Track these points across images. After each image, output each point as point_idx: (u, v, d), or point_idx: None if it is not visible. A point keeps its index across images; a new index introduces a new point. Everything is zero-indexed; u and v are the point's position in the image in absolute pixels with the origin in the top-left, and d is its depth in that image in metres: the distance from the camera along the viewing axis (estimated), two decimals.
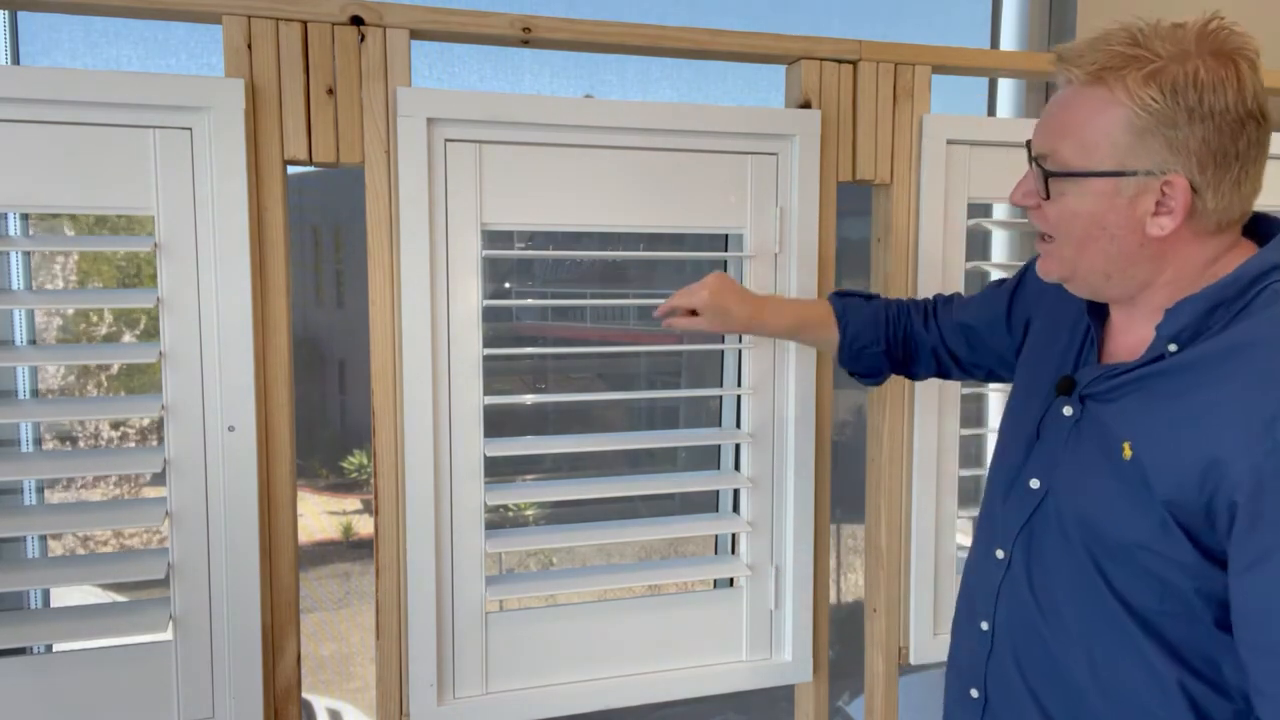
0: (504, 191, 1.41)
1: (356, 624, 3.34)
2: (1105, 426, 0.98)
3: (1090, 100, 0.92)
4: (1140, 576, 0.94)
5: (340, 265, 1.89)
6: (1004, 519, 1.09)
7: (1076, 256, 0.98)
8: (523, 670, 1.48)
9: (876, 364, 1.37)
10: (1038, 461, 1.06)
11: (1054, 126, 0.96)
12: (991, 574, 1.09)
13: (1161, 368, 0.94)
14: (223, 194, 1.27)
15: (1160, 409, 0.93)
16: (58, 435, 1.54)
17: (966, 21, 1.96)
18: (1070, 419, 1.03)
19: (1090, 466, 0.99)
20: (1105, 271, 0.97)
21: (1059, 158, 0.95)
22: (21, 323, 1.40)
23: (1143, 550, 0.93)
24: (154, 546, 1.35)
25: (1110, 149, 0.92)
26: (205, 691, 1.33)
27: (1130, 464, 0.93)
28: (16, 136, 1.21)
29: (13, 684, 1.27)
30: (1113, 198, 0.93)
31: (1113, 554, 0.95)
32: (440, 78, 1.58)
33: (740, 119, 1.48)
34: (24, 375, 1.41)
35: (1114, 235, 0.95)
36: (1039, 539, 1.04)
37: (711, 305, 1.31)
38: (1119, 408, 0.97)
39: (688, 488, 1.55)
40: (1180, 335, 0.93)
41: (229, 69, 1.28)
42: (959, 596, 1.20)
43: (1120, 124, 0.91)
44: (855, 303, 1.38)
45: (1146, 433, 0.93)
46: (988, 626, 1.10)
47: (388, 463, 1.38)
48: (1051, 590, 1.02)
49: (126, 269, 1.58)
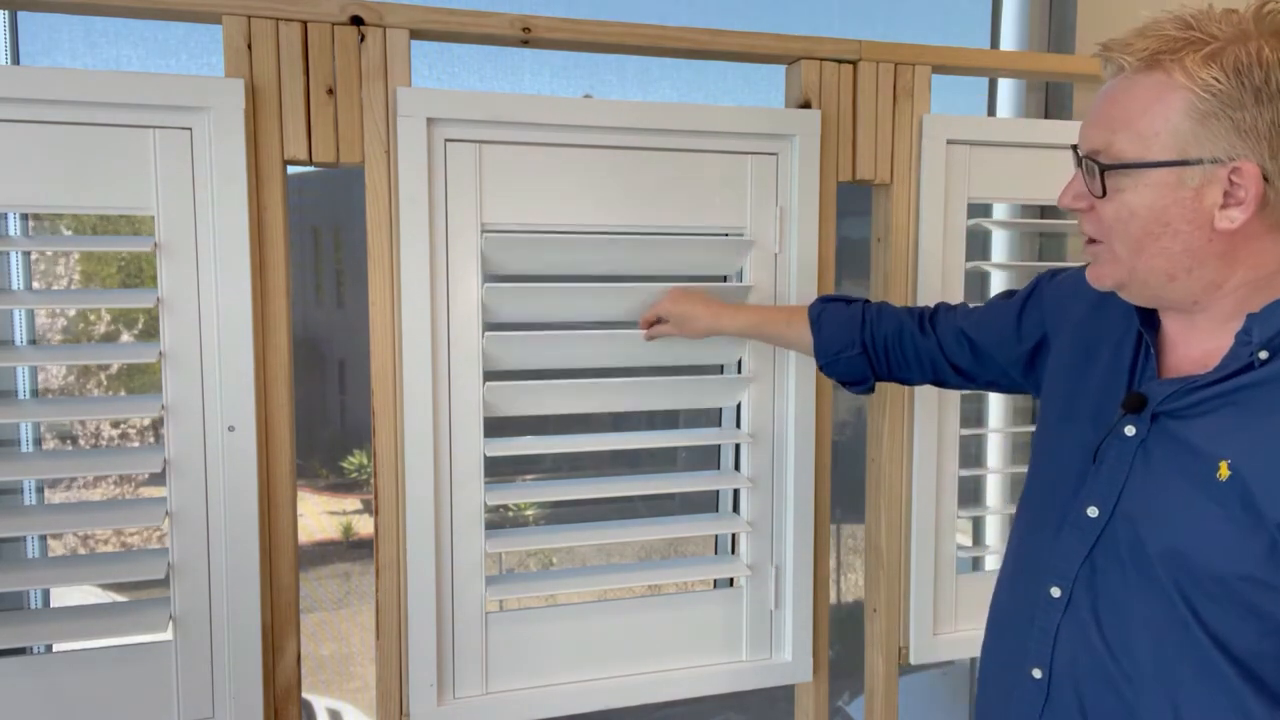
0: (504, 191, 1.41)
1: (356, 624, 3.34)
2: (1188, 445, 0.89)
3: (1145, 87, 0.86)
4: (1238, 613, 0.85)
5: (340, 265, 1.89)
6: (1059, 553, 0.99)
7: (1134, 258, 0.90)
8: (523, 670, 1.48)
9: (856, 369, 1.32)
10: (1096, 488, 0.96)
11: (1105, 120, 0.89)
12: (1046, 614, 0.99)
13: (1256, 378, 0.86)
14: (223, 194, 1.27)
15: (1261, 423, 0.85)
16: (58, 435, 1.54)
17: (966, 21, 1.96)
18: (1134, 439, 0.94)
19: (1175, 491, 0.89)
20: (1169, 272, 0.89)
21: (1114, 151, 0.88)
22: (21, 323, 1.40)
23: (1245, 582, 0.84)
24: (154, 546, 1.35)
25: (1171, 137, 0.85)
26: (205, 691, 1.33)
27: (1227, 485, 0.85)
28: (16, 136, 1.21)
29: (13, 684, 1.27)
30: (1176, 190, 0.86)
31: (1207, 588, 0.86)
32: (440, 78, 1.57)
33: (740, 119, 1.48)
34: (24, 375, 1.40)
35: (1178, 231, 0.87)
36: (1105, 574, 0.94)
37: (675, 312, 1.41)
38: (1206, 424, 0.89)
39: (688, 488, 1.55)
40: (1273, 341, 0.86)
41: (229, 69, 1.28)
42: (990, 639, 1.10)
43: (1181, 109, 0.85)
44: (835, 306, 1.34)
45: (1248, 449, 0.85)
46: (1042, 674, 0.99)
47: (388, 463, 1.38)
48: (1126, 632, 0.92)
49: (129, 268, 1.58)
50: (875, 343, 1.30)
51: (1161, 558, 0.89)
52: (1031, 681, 1.00)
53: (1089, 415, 1.01)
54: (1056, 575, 0.99)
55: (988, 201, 1.67)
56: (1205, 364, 0.92)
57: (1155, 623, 0.90)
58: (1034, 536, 1.04)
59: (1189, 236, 0.88)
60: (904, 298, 1.60)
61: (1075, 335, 1.09)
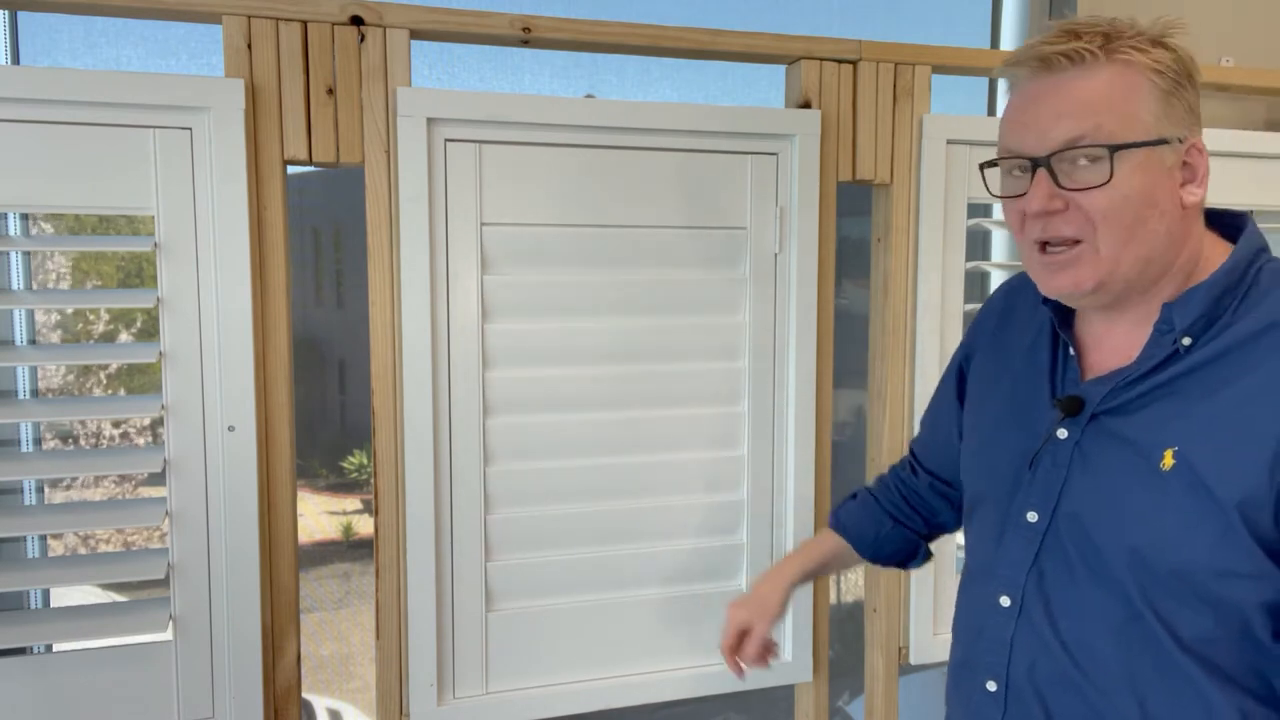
0: (504, 192, 1.41)
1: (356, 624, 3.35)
2: (1127, 440, 0.90)
3: (1111, 74, 0.87)
4: (1193, 603, 0.86)
5: (340, 265, 1.89)
6: (1004, 560, 0.98)
7: (1122, 249, 0.88)
8: (523, 670, 1.48)
9: (901, 543, 1.25)
10: (1033, 493, 0.96)
11: (1077, 108, 0.87)
12: (996, 624, 0.98)
13: (1185, 366, 0.88)
14: (223, 194, 1.27)
15: (1197, 408, 0.86)
16: (58, 435, 1.54)
17: (966, 21, 1.96)
18: (1069, 442, 0.94)
19: (1123, 489, 0.89)
20: (1149, 258, 0.89)
21: (1104, 135, 0.86)
22: (21, 323, 1.40)
23: (1200, 571, 0.85)
24: (154, 546, 1.35)
25: (1149, 117, 0.87)
26: (205, 691, 1.33)
27: (1173, 473, 0.86)
28: (16, 136, 1.21)
29: (13, 684, 1.27)
30: (1159, 169, 0.87)
31: (1164, 581, 0.87)
32: (440, 78, 1.58)
33: (740, 119, 1.48)
34: (24, 375, 1.40)
35: (1164, 212, 0.88)
36: (1054, 578, 0.94)
37: (747, 615, 1.22)
38: (1143, 417, 0.89)
39: (690, 498, 1.55)
40: (1194, 327, 0.88)
41: (229, 69, 1.28)
42: (953, 654, 1.08)
43: (1148, 90, 0.87)
44: (846, 506, 1.30)
45: (1190, 435, 0.86)
46: (997, 686, 0.97)
47: (388, 463, 1.38)
48: (1084, 633, 0.91)
49: (128, 267, 1.58)
50: (898, 509, 1.25)
51: (1120, 557, 0.89)
52: (986, 694, 0.99)
53: (1016, 422, 1.00)
54: (1004, 583, 0.97)
55: (988, 202, 1.67)
56: (1127, 357, 0.93)
57: (1113, 621, 0.90)
58: (980, 546, 1.03)
59: (1170, 217, 0.89)
60: (904, 297, 1.60)
61: (989, 350, 1.10)
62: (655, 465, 1.52)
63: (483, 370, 1.42)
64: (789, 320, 1.55)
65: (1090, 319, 0.98)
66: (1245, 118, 1.90)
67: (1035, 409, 0.99)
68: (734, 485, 1.56)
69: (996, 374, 1.08)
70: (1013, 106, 0.92)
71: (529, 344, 1.44)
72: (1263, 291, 0.89)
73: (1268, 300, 0.88)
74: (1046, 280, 0.93)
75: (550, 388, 1.46)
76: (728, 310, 1.53)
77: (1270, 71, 1.83)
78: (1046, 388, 0.99)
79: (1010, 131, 0.92)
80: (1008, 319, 1.09)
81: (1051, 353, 1.00)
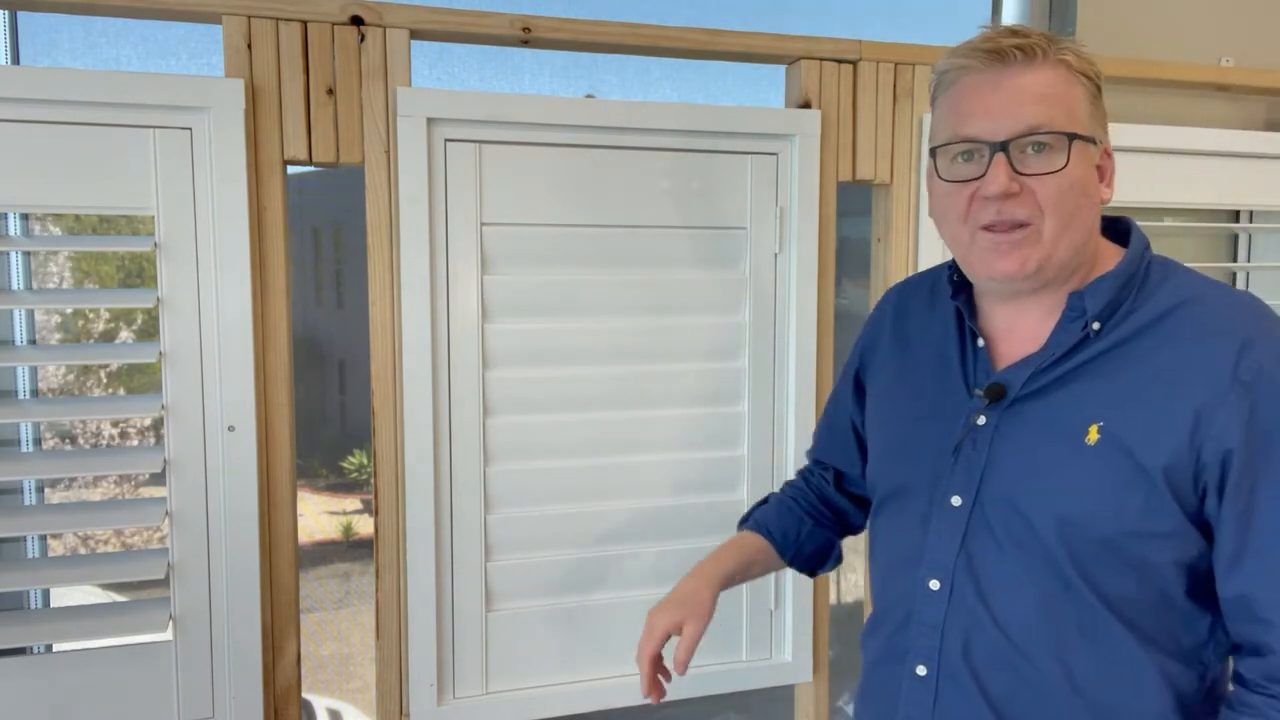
0: (504, 191, 1.41)
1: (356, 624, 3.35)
2: (1049, 420, 0.94)
3: (1056, 74, 0.93)
4: (1118, 567, 0.91)
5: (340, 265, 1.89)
6: (931, 544, 0.99)
7: (1062, 234, 0.93)
8: (523, 670, 1.48)
9: (821, 543, 1.23)
10: (955, 479, 0.98)
11: (1035, 99, 0.92)
12: (926, 608, 0.99)
13: (1095, 350, 0.94)
14: (223, 194, 1.27)
15: (1115, 383, 0.92)
16: (58, 434, 1.54)
17: (966, 21, 1.95)
18: (988, 427, 0.97)
19: (1048, 463, 0.94)
20: (1079, 245, 0.95)
21: (1057, 126, 0.92)
22: (21, 323, 1.40)
23: (1127, 536, 0.90)
24: (154, 546, 1.35)
25: (1084, 116, 0.94)
26: (205, 691, 1.33)
27: (1098, 447, 0.91)
28: (16, 136, 1.21)
29: (13, 684, 1.27)
30: (1090, 165, 0.94)
31: (1092, 547, 0.91)
32: (440, 78, 1.57)
33: (740, 119, 1.48)
34: (24, 375, 1.40)
35: (1092, 204, 0.95)
36: (983, 558, 0.96)
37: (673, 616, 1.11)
38: (1062, 398, 0.94)
39: (690, 498, 1.55)
40: (1103, 313, 0.94)
41: (229, 69, 1.28)
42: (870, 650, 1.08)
43: (1082, 93, 0.94)
44: (764, 510, 1.26)
45: (1112, 408, 0.91)
46: (928, 670, 0.98)
47: (388, 463, 1.38)
48: (1016, 608, 0.94)
49: (129, 266, 1.58)
50: (815, 509, 1.24)
51: (1051, 527, 0.92)
52: (916, 680, 0.99)
53: (933, 414, 1.03)
54: (933, 567, 0.99)
55: None
56: (1033, 345, 0.98)
57: (1043, 592, 0.93)
58: (902, 535, 1.04)
59: (1094, 210, 0.96)
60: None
61: (890, 350, 1.13)
62: (655, 465, 1.52)
63: (483, 370, 1.42)
64: (789, 320, 1.55)
65: (998, 311, 1.02)
66: (1245, 118, 1.90)
67: (950, 399, 1.02)
68: (734, 485, 1.56)
69: (901, 371, 1.10)
70: (964, 96, 0.95)
71: (529, 344, 1.44)
72: (1155, 282, 0.96)
73: (1163, 289, 0.95)
74: (992, 262, 0.95)
75: (550, 388, 1.46)
76: (728, 310, 1.53)
77: (1270, 71, 1.83)
78: (960, 379, 1.02)
79: (964, 119, 0.95)
80: (903, 319, 1.13)
81: (960, 345, 1.04)
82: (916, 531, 1.01)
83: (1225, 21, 1.87)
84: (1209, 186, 1.79)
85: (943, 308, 1.07)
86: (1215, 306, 0.93)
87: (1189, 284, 0.96)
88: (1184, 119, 1.83)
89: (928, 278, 1.15)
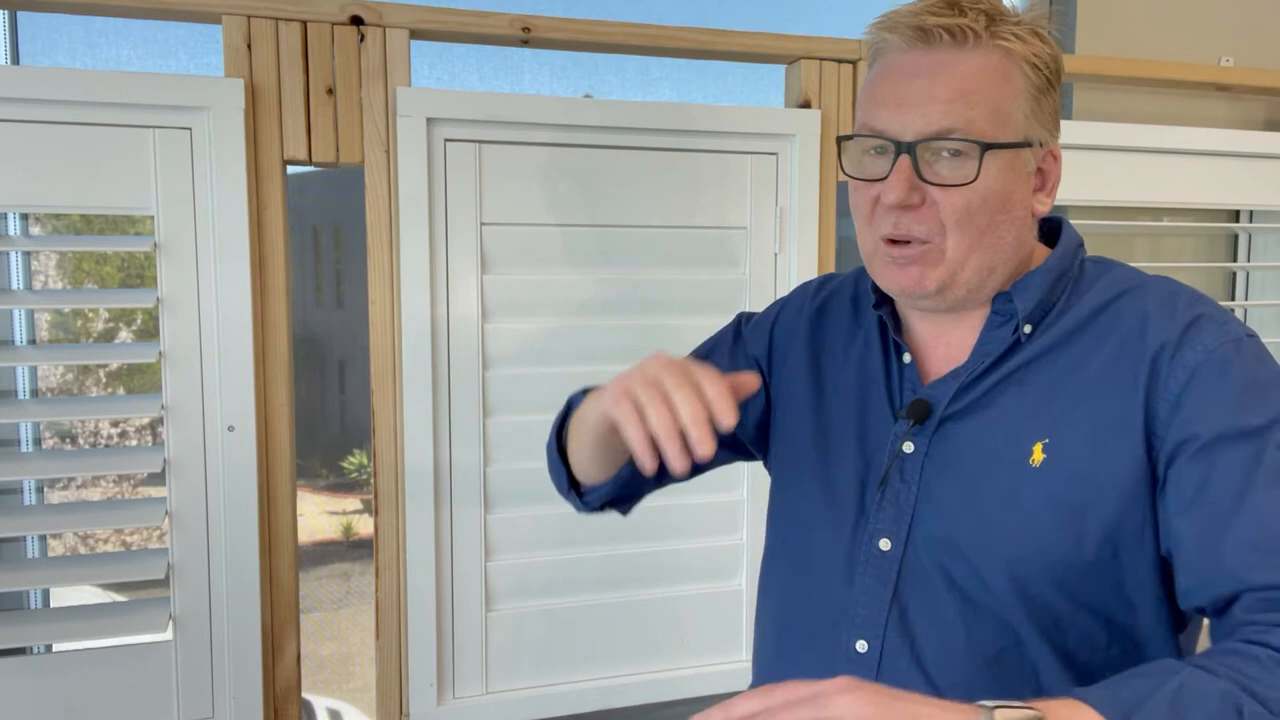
0: (504, 191, 1.41)
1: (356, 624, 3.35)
2: (985, 442, 0.82)
3: (991, 62, 0.80)
4: (1089, 616, 0.79)
5: (340, 265, 1.89)
6: (857, 600, 0.85)
7: (969, 253, 0.81)
8: (523, 670, 1.48)
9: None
10: (883, 519, 0.85)
11: (955, 95, 0.79)
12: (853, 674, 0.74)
13: (1027, 355, 0.83)
14: (222, 194, 1.27)
15: (1054, 396, 0.81)
16: (58, 434, 1.54)
17: None
18: (917, 455, 0.84)
19: (991, 495, 0.81)
20: (992, 267, 0.82)
21: (975, 130, 0.79)
22: (21, 323, 1.40)
23: (1091, 568, 0.78)
24: (154, 546, 1.35)
25: (1019, 116, 0.80)
26: (205, 691, 1.33)
27: (1045, 469, 0.79)
28: (16, 136, 1.21)
29: (13, 684, 1.27)
30: (1019, 174, 0.81)
31: (1054, 597, 0.79)
32: (440, 78, 1.58)
33: (740, 119, 1.48)
34: (24, 375, 1.40)
35: (1015, 219, 0.82)
36: (918, 612, 0.82)
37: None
38: (998, 414, 0.83)
39: (690, 498, 1.55)
40: (1033, 314, 0.83)
41: (229, 69, 1.28)
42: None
43: (1022, 87, 0.81)
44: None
45: (1056, 425, 0.80)
46: None
47: (388, 463, 1.38)
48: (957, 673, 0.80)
49: (129, 266, 1.58)
50: None
51: (1000, 571, 0.79)
52: None
53: (855, 438, 0.89)
54: (859, 626, 0.84)
55: None
56: (957, 360, 0.86)
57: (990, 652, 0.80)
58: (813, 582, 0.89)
59: (1019, 225, 0.83)
60: None
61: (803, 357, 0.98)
62: None
63: (483, 370, 1.42)
64: None
65: (923, 323, 0.90)
66: (1245, 118, 1.90)
67: (873, 423, 0.89)
68: (734, 485, 1.56)
69: (815, 387, 0.96)
70: (880, 80, 0.83)
71: (529, 344, 1.44)
72: (1089, 280, 0.85)
73: (1097, 285, 0.85)
74: (890, 276, 0.85)
75: (550, 388, 1.45)
76: (728, 310, 1.52)
77: (1270, 71, 1.83)
78: (884, 399, 0.89)
79: (875, 108, 0.82)
80: (820, 329, 0.98)
81: (885, 361, 0.91)
82: (840, 581, 0.86)
83: (1225, 21, 1.87)
84: (1209, 186, 1.79)
85: (867, 317, 0.94)
86: (1158, 293, 0.83)
87: (1129, 277, 0.86)
88: (1184, 119, 1.83)
89: (851, 281, 1.01)
